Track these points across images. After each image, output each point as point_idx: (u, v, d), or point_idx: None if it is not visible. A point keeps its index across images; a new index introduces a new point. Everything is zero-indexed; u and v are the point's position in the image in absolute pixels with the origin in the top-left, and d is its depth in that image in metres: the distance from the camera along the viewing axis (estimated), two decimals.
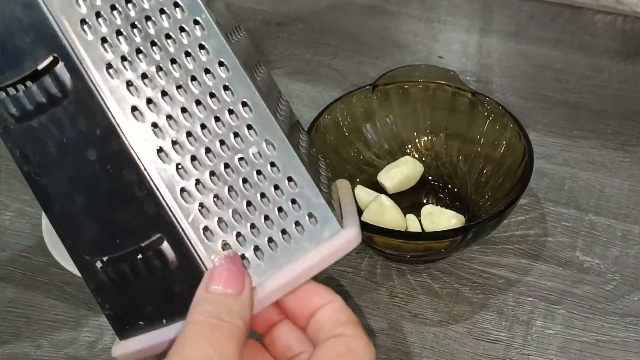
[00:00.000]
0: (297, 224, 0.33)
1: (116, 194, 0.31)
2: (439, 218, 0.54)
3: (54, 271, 0.55)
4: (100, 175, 0.31)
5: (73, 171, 0.31)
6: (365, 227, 0.50)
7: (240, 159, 0.32)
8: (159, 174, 0.30)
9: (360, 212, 0.56)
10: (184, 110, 0.31)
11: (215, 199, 0.31)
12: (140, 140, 0.30)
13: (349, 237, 0.33)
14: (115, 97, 0.30)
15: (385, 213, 0.54)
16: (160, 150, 0.30)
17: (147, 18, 0.31)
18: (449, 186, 0.59)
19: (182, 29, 0.31)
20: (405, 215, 0.55)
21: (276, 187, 0.33)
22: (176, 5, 0.31)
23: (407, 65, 0.62)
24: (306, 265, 0.33)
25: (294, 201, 0.33)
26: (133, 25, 0.30)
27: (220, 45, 0.32)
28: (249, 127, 0.32)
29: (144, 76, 0.30)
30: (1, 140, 0.33)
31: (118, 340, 0.35)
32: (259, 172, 0.32)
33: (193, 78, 0.31)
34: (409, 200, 0.58)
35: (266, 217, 0.32)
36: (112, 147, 0.30)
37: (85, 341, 0.51)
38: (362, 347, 0.31)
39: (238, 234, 0.32)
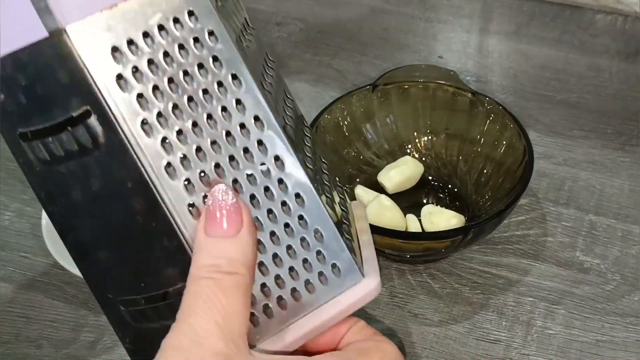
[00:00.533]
0: (320, 274, 0.33)
1: (144, 243, 0.31)
2: (439, 218, 0.54)
3: (54, 271, 0.55)
4: (129, 225, 0.30)
5: (101, 218, 0.31)
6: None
7: (269, 211, 0.32)
8: (189, 228, 0.30)
9: None
10: (217, 166, 0.30)
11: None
12: (173, 197, 0.30)
13: (370, 288, 0.33)
14: (149, 153, 0.29)
15: (385, 213, 0.54)
16: (191, 205, 0.30)
17: (185, 73, 0.30)
18: (449, 186, 0.59)
19: (219, 84, 0.30)
20: (405, 215, 0.55)
21: (302, 239, 0.32)
22: (215, 59, 0.30)
23: (407, 65, 0.62)
24: (327, 316, 0.33)
25: (318, 252, 0.33)
26: (170, 80, 0.29)
27: (258, 100, 0.31)
28: (280, 181, 0.32)
29: (179, 132, 0.30)
30: (1, 140, 0.33)
31: None
32: (286, 225, 0.32)
33: (228, 133, 0.31)
34: (409, 200, 0.58)
35: (291, 269, 0.32)
36: (144, 200, 0.30)
37: (85, 341, 0.51)
38: (391, 348, 0.31)
39: (263, 285, 0.32)
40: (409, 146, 0.61)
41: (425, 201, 0.58)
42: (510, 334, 0.51)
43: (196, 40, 0.30)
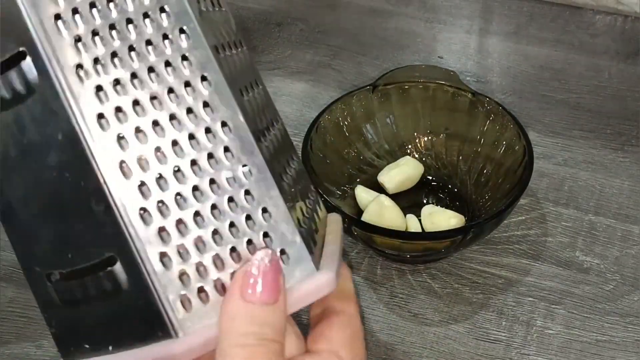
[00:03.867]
0: None
1: (73, 205, 0.28)
2: (439, 218, 0.54)
3: None
4: (58, 183, 0.28)
5: (31, 176, 0.29)
6: (365, 227, 0.50)
7: (212, 182, 0.29)
8: (119, 189, 0.28)
9: (360, 212, 0.56)
10: (155, 123, 0.28)
11: (177, 224, 0.28)
12: (103, 150, 0.27)
13: (321, 282, 0.30)
14: (81, 102, 0.27)
15: (385, 213, 0.54)
16: (123, 163, 0.28)
17: (129, 21, 0.28)
18: (449, 186, 0.59)
19: (165, 37, 0.28)
20: (405, 215, 0.55)
21: (248, 217, 0.29)
22: (162, 10, 0.28)
23: (407, 65, 0.62)
24: None
25: (266, 234, 0.29)
26: (112, 27, 0.28)
27: (206, 58, 0.29)
28: (226, 149, 0.29)
29: (116, 82, 0.28)
30: None
31: None
32: (230, 199, 0.29)
33: (170, 90, 0.28)
34: (409, 200, 0.58)
35: (232, 249, 0.29)
36: (73, 154, 0.28)
37: None
38: (359, 330, 0.31)
39: (199, 264, 0.29)
40: (409, 146, 0.61)
41: (425, 201, 0.58)
42: (510, 334, 0.51)
43: None
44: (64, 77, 0.27)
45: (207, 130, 0.29)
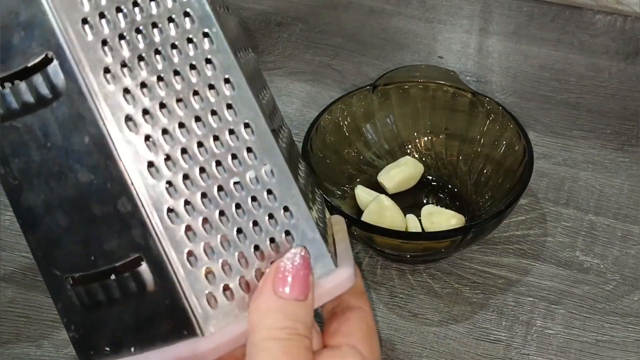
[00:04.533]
0: None
1: (98, 208, 0.29)
2: (439, 218, 0.54)
3: None
4: (84, 186, 0.28)
5: (55, 180, 0.29)
6: (365, 227, 0.50)
7: (236, 182, 0.30)
8: (147, 190, 0.28)
9: (360, 212, 0.56)
10: (181, 125, 0.29)
11: (203, 223, 0.29)
12: (131, 152, 0.28)
13: (343, 278, 0.31)
14: (109, 104, 0.28)
15: (385, 213, 0.54)
16: (151, 164, 0.28)
17: (154, 25, 0.29)
18: (449, 186, 0.59)
19: (189, 40, 0.29)
20: (405, 215, 0.55)
21: (270, 216, 0.30)
22: (186, 14, 0.29)
23: (407, 65, 0.62)
24: None
25: (287, 233, 0.30)
26: (138, 31, 0.28)
27: (229, 61, 0.30)
28: (249, 149, 0.30)
29: (142, 85, 0.28)
30: None
31: None
32: (254, 199, 0.30)
33: (195, 92, 0.29)
34: (409, 200, 0.58)
35: (256, 248, 0.30)
36: (100, 157, 0.28)
37: None
38: (373, 325, 0.31)
39: (224, 263, 0.29)
40: (409, 146, 0.61)
41: (425, 201, 0.58)
42: (510, 334, 0.51)
43: None
44: (92, 80, 0.27)
45: (231, 132, 0.30)
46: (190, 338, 0.29)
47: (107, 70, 0.28)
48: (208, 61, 0.30)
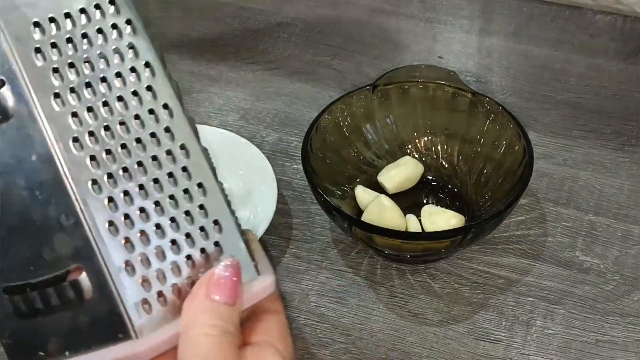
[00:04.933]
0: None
1: (42, 222, 0.31)
2: (439, 218, 0.54)
3: None
4: (29, 201, 0.31)
5: (1, 195, 0.31)
6: (365, 227, 0.50)
7: (171, 197, 0.32)
8: (90, 205, 0.30)
9: (360, 212, 0.56)
10: (123, 146, 0.32)
11: (141, 235, 0.31)
12: (77, 170, 0.30)
13: (266, 284, 0.34)
14: (57, 126, 0.30)
15: (385, 213, 0.54)
16: (94, 182, 0.31)
17: (101, 55, 0.32)
18: (449, 186, 0.59)
19: (132, 69, 0.32)
20: (405, 215, 0.55)
21: (202, 229, 0.33)
22: (131, 47, 0.32)
23: (407, 65, 0.62)
24: None
25: (216, 244, 0.33)
26: (86, 60, 0.31)
27: (165, 84, 0.33)
28: (184, 169, 0.33)
29: (89, 109, 0.31)
30: None
31: None
32: (187, 213, 0.33)
33: (137, 117, 0.32)
34: (409, 200, 0.58)
35: (188, 257, 0.32)
36: (46, 174, 0.30)
37: None
38: (287, 326, 0.34)
39: (159, 271, 0.32)
40: (409, 146, 0.61)
41: (425, 201, 0.58)
42: (510, 334, 0.51)
43: (114, 27, 0.32)
44: (42, 104, 0.30)
45: (168, 153, 0.33)
46: (125, 341, 0.31)
47: (56, 96, 0.30)
48: (149, 89, 0.32)
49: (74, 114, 0.30)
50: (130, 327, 0.31)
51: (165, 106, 0.33)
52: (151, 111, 0.32)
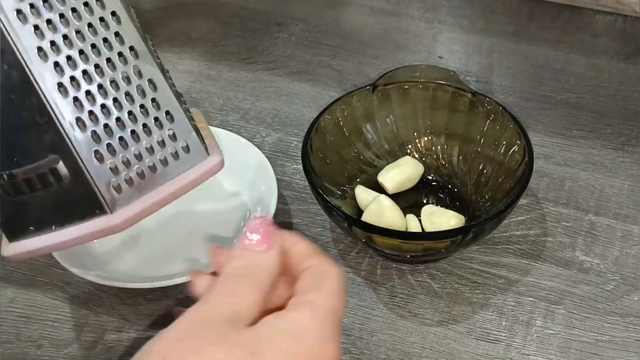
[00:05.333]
0: (172, 150, 0.41)
1: (19, 120, 0.38)
2: (439, 218, 0.54)
3: (54, 271, 0.55)
4: (6, 103, 0.37)
5: None
6: (365, 227, 0.50)
7: (127, 94, 0.40)
8: (58, 104, 0.37)
9: (360, 212, 0.56)
10: (81, 52, 0.38)
11: (105, 128, 0.39)
12: (44, 75, 0.37)
13: (215, 162, 0.42)
14: (23, 39, 0.36)
15: (385, 213, 0.54)
16: (60, 84, 0.37)
17: None
18: (449, 186, 0.59)
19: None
20: (405, 215, 0.55)
21: (155, 119, 0.41)
22: None
23: (407, 65, 0.62)
24: (178, 186, 0.41)
25: (170, 131, 0.41)
26: None
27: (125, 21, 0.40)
28: (139, 72, 0.40)
29: (48, 22, 0.37)
30: None
31: (7, 242, 0.41)
32: (142, 106, 0.40)
33: (90, 25, 0.39)
34: (409, 200, 0.58)
35: (148, 146, 0.40)
36: (18, 80, 0.37)
37: (85, 341, 0.51)
38: (328, 272, 0.34)
39: (124, 158, 0.40)
40: (409, 146, 0.61)
41: (425, 201, 0.58)
42: (510, 334, 0.51)
43: None
44: (8, 21, 0.36)
45: (120, 54, 0.40)
46: (102, 215, 0.39)
47: (19, 12, 0.36)
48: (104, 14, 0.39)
49: (36, 27, 0.37)
50: (105, 204, 0.39)
51: (114, 14, 0.39)
52: (102, 19, 0.39)
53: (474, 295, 0.53)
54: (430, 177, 0.60)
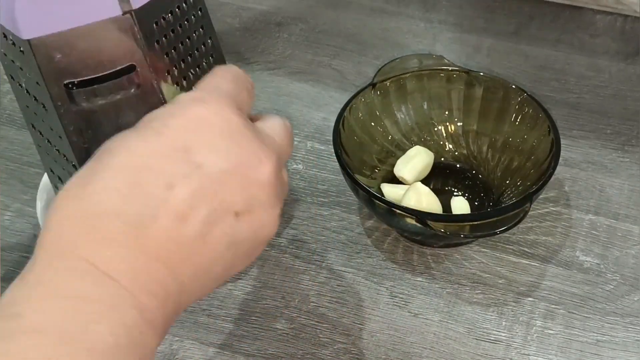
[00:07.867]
0: None
1: None
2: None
3: None
4: None
5: None
6: (416, 213, 0.50)
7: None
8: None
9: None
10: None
11: None
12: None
13: None
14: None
15: (423, 199, 0.54)
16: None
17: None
18: (474, 172, 0.60)
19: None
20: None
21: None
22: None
23: (415, 54, 0.63)
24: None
25: None
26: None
27: None
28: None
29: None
30: (1, 141, 0.33)
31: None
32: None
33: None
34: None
35: None
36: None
37: None
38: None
39: None
40: (439, 127, 0.62)
41: (440, 187, 0.59)
42: (510, 334, 0.51)
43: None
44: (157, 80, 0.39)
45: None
46: None
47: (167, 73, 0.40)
48: None
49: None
50: None
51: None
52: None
53: (474, 295, 0.53)
54: (458, 166, 0.61)
